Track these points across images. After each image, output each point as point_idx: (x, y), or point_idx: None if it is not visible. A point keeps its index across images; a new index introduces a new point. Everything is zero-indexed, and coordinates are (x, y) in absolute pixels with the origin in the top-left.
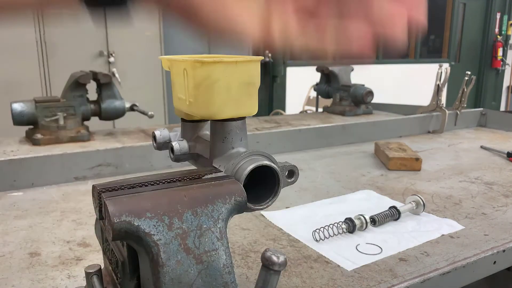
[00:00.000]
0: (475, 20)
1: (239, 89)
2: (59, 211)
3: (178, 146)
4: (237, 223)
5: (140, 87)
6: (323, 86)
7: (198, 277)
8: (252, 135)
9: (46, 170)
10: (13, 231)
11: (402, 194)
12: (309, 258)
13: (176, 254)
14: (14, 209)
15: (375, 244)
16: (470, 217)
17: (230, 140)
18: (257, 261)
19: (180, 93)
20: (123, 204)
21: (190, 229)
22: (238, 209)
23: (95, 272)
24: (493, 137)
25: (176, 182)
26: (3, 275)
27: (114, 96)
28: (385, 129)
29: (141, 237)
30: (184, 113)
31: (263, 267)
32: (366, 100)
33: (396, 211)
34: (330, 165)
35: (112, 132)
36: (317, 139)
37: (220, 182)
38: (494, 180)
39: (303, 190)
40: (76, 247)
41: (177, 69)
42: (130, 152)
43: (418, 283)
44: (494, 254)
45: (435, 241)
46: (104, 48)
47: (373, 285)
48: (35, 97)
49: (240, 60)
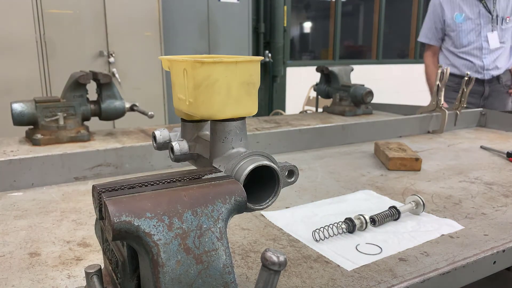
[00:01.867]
0: None
1: (239, 89)
2: (59, 211)
3: (178, 146)
4: (237, 223)
5: (140, 87)
6: (323, 86)
7: (198, 277)
8: (252, 135)
9: (46, 170)
10: (13, 231)
11: (402, 194)
12: (309, 258)
13: (176, 254)
14: (14, 209)
15: (375, 244)
16: (470, 217)
17: (230, 140)
18: (257, 261)
19: (180, 93)
20: (123, 204)
21: (190, 229)
22: (238, 209)
23: (95, 272)
24: (493, 137)
25: (176, 182)
26: (3, 275)
27: (114, 96)
28: (385, 129)
29: (141, 237)
30: (184, 113)
31: (263, 267)
32: (366, 100)
33: (396, 211)
34: (330, 165)
35: (112, 132)
36: (317, 139)
37: (220, 182)
38: (493, 180)
39: (303, 190)
40: (76, 247)
41: (177, 69)
42: (130, 152)
43: (418, 283)
44: (494, 254)
45: (435, 241)
46: (104, 48)
47: (373, 285)
48: (35, 97)
49: (240, 60)
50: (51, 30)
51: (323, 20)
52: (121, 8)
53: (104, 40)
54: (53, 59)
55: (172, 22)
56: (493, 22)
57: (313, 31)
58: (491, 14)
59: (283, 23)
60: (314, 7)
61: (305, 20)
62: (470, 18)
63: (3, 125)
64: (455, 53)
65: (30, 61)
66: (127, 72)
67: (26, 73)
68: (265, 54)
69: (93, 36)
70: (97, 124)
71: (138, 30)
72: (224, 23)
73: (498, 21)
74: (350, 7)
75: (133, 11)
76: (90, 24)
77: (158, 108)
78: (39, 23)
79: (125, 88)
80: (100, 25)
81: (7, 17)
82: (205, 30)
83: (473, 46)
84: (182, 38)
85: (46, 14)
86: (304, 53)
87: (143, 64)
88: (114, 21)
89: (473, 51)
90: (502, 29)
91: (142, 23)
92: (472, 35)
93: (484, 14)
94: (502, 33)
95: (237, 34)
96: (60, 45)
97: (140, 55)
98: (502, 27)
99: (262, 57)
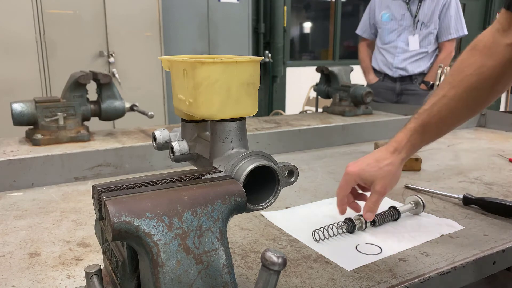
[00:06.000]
0: (475, 20)
1: (239, 89)
2: (59, 211)
3: (178, 147)
4: (237, 223)
5: (140, 87)
6: (323, 86)
7: (198, 277)
8: (252, 135)
9: (46, 170)
10: (13, 231)
11: (402, 194)
12: (308, 258)
13: (176, 254)
14: (14, 209)
15: (374, 244)
16: (470, 217)
17: (230, 140)
18: (257, 261)
19: (180, 93)
20: (123, 204)
21: (190, 229)
22: (238, 209)
23: (95, 272)
24: (492, 137)
25: (176, 182)
26: (3, 275)
27: (114, 96)
28: (385, 129)
29: (141, 237)
30: (184, 113)
31: (263, 267)
32: (366, 100)
33: (396, 211)
34: (330, 165)
35: (112, 132)
36: (317, 139)
37: (220, 182)
38: (493, 180)
39: (303, 190)
40: (76, 247)
41: (177, 69)
42: (130, 152)
43: (418, 283)
44: (494, 254)
45: (434, 241)
46: (104, 48)
47: (372, 285)
48: (35, 97)
49: (240, 61)
50: (51, 30)
51: (323, 20)
52: (121, 8)
53: (104, 40)
54: (53, 59)
55: (172, 22)
56: (415, 26)
57: (313, 31)
58: (413, 18)
59: (283, 23)
60: (314, 7)
61: (305, 20)
62: (395, 18)
63: (3, 125)
64: (378, 48)
65: (30, 61)
66: (127, 72)
67: (26, 73)
68: (265, 54)
69: (93, 36)
70: (97, 124)
71: (138, 30)
72: (224, 23)
73: (419, 26)
74: (350, 7)
75: (133, 11)
76: (90, 24)
77: (158, 108)
78: (39, 23)
79: (125, 88)
80: (100, 25)
81: (7, 17)
82: (205, 30)
83: (392, 45)
84: (182, 38)
85: (46, 14)
86: (304, 53)
87: (143, 64)
88: (114, 21)
89: (391, 49)
90: (421, 34)
91: (142, 23)
92: (394, 34)
93: (408, 17)
94: (422, 38)
95: (237, 34)
96: (60, 45)
97: (140, 55)
98: (420, 32)
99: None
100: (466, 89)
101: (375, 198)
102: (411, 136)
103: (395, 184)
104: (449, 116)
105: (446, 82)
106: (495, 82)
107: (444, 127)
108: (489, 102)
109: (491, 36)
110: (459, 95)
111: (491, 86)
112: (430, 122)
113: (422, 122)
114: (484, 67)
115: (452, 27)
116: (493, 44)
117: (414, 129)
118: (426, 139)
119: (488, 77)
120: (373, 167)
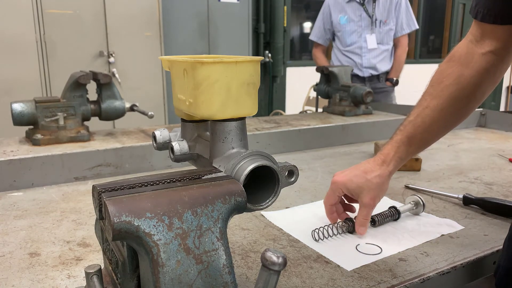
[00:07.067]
0: None
1: (239, 89)
2: (59, 211)
3: (178, 146)
4: (237, 223)
5: (140, 87)
6: (323, 86)
7: (198, 277)
8: (252, 135)
9: (46, 170)
10: (13, 231)
11: (402, 194)
12: (309, 258)
13: (176, 254)
14: (14, 209)
15: (375, 244)
16: (470, 217)
17: (230, 140)
18: (257, 261)
19: (180, 93)
20: (123, 204)
21: (190, 229)
22: (238, 209)
23: (95, 272)
24: (492, 137)
25: (176, 182)
26: (3, 275)
27: (114, 96)
28: (385, 129)
29: (141, 237)
30: (184, 113)
31: (263, 267)
32: (366, 100)
33: (396, 211)
34: (330, 165)
35: (112, 132)
36: (316, 139)
37: (220, 182)
38: (493, 180)
39: (303, 190)
40: (76, 247)
41: (177, 69)
42: (130, 152)
43: (418, 283)
44: (494, 254)
45: (434, 241)
46: (104, 48)
47: (372, 285)
48: (35, 97)
49: (240, 60)
50: (51, 30)
51: None
52: (121, 8)
53: (104, 40)
54: (53, 59)
55: (172, 22)
56: (373, 25)
57: None
58: (370, 18)
59: (283, 23)
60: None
61: (305, 20)
62: (353, 20)
63: (3, 125)
64: (341, 51)
65: (30, 61)
66: (127, 72)
67: (26, 73)
68: (265, 54)
69: (93, 36)
70: (97, 124)
71: (138, 30)
72: (224, 23)
73: (377, 24)
74: None
75: (133, 11)
76: (90, 24)
77: (158, 108)
78: (39, 23)
79: (125, 88)
80: (100, 25)
81: (7, 17)
82: (205, 30)
83: (355, 46)
84: (182, 38)
85: (46, 14)
86: (304, 53)
87: (143, 64)
88: (114, 21)
89: (355, 49)
90: (380, 31)
91: (142, 23)
92: (355, 36)
93: (365, 17)
94: (381, 36)
95: (237, 34)
96: (60, 45)
97: (140, 55)
98: (380, 30)
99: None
100: (447, 98)
101: (365, 211)
102: (398, 148)
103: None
104: (433, 126)
105: (427, 93)
106: (474, 90)
107: (429, 136)
108: (472, 110)
109: (465, 47)
110: (440, 105)
111: (470, 94)
112: (415, 133)
113: (408, 133)
114: (462, 76)
115: (404, 23)
116: (468, 55)
117: (401, 141)
118: (413, 150)
119: (466, 86)
120: (360, 178)
